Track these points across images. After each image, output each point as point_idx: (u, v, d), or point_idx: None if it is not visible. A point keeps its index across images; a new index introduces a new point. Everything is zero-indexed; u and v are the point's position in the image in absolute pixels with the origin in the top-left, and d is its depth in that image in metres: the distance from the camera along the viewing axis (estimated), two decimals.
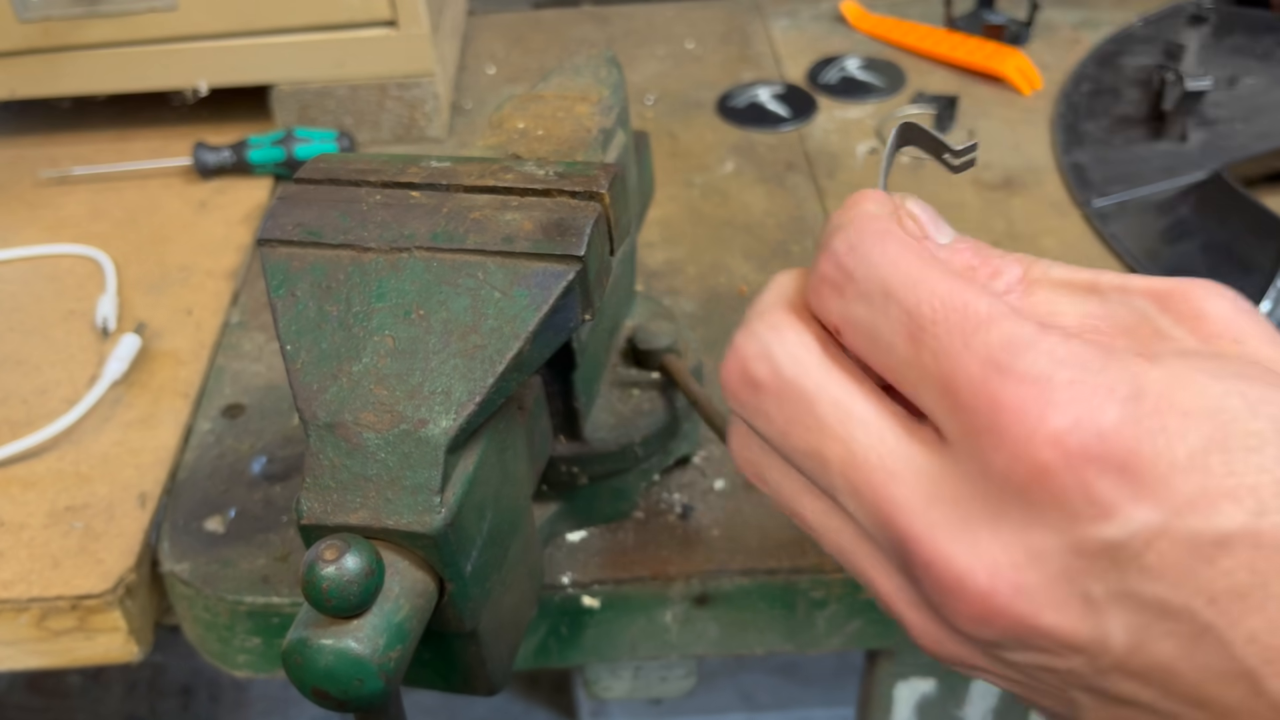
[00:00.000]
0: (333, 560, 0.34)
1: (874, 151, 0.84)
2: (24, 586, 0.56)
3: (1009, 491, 0.27)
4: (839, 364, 0.31)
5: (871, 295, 0.29)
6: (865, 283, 0.30)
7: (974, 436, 0.27)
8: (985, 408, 0.27)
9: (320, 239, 0.42)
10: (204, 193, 0.83)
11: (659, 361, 0.54)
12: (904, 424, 0.30)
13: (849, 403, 0.30)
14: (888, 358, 0.29)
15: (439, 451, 0.38)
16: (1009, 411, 0.26)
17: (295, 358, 0.41)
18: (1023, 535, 0.27)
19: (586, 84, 0.52)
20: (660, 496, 0.58)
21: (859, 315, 0.30)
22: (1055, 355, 0.27)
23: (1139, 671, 0.27)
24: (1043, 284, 0.31)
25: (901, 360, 0.29)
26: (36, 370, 0.68)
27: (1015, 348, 0.27)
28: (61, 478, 0.61)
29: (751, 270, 0.73)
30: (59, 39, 0.82)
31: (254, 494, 0.60)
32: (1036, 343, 0.27)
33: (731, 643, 0.58)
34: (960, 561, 0.27)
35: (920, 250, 0.30)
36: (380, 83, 0.85)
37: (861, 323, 0.30)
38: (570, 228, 0.41)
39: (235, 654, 0.57)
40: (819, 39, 0.99)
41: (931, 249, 0.32)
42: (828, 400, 0.30)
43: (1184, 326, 0.29)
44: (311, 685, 0.36)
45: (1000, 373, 0.27)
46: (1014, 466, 0.27)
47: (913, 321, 0.29)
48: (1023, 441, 0.26)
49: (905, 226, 0.32)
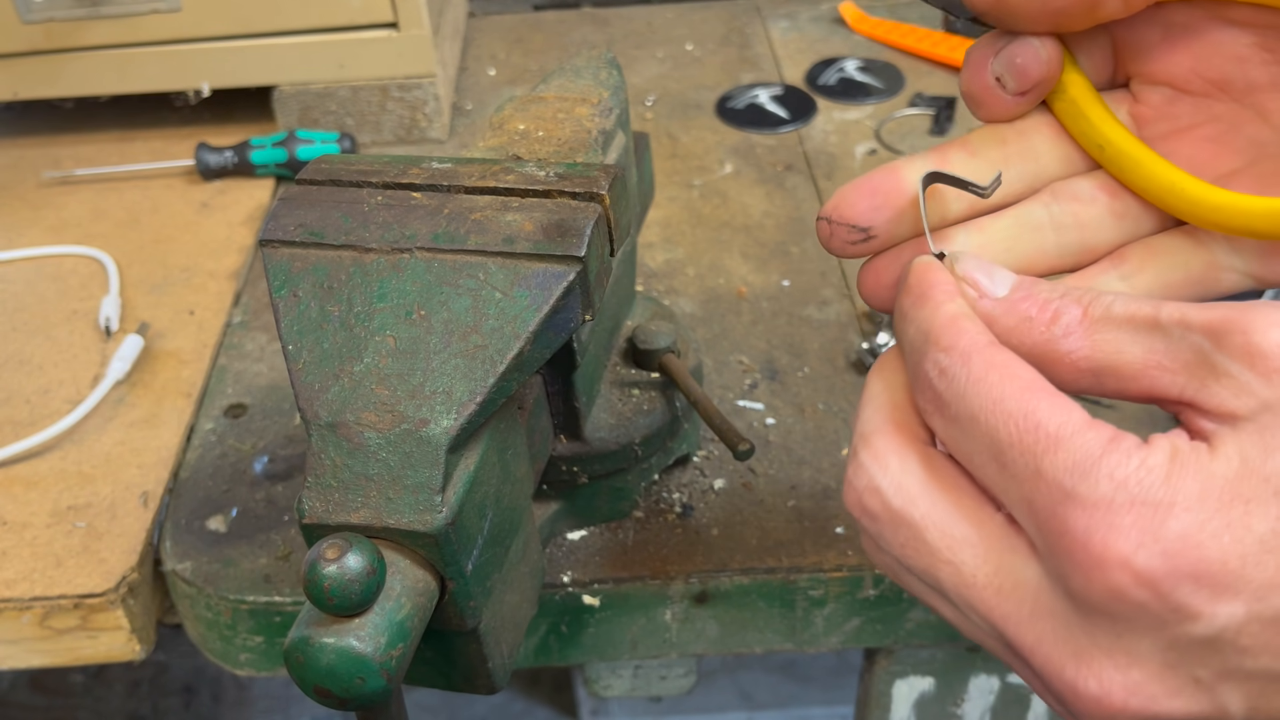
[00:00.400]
0: (334, 559, 0.34)
1: (873, 153, 0.85)
2: (27, 585, 0.56)
3: (1094, 607, 0.29)
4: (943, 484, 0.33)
5: (961, 420, 0.32)
6: (954, 407, 0.32)
7: (1055, 558, 0.30)
8: (1058, 533, 0.29)
9: (322, 240, 0.42)
10: (206, 194, 0.84)
11: (659, 361, 0.55)
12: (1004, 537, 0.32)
13: (953, 526, 0.32)
14: (983, 475, 0.32)
15: (440, 451, 0.38)
16: (1077, 539, 0.28)
17: (297, 358, 0.41)
18: (1120, 641, 0.29)
19: (587, 86, 0.52)
20: (660, 496, 0.59)
21: (954, 436, 0.32)
22: (1116, 477, 0.28)
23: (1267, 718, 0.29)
24: (1106, 323, 0.32)
25: (993, 479, 0.31)
26: (39, 370, 0.68)
27: (1080, 471, 0.29)
28: (64, 477, 0.61)
29: (751, 271, 0.74)
30: (62, 40, 0.82)
31: (256, 493, 0.60)
32: (1099, 463, 0.29)
33: (731, 641, 0.58)
34: (1069, 672, 0.30)
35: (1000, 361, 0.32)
36: (381, 84, 0.85)
37: (958, 444, 0.32)
38: (571, 229, 0.41)
39: (237, 653, 0.58)
40: (818, 41, 0.99)
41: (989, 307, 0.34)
42: (934, 527, 0.32)
43: (1242, 363, 0.30)
44: (313, 684, 0.36)
45: (1067, 499, 0.29)
46: (1090, 589, 0.29)
47: (995, 445, 0.31)
48: (1093, 568, 0.28)
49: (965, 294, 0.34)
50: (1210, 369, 0.30)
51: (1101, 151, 0.39)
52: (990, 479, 0.32)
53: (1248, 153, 0.39)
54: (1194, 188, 0.37)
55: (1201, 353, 0.30)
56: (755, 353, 0.67)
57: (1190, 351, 0.31)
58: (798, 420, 0.63)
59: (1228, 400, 0.30)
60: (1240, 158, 0.39)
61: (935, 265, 0.35)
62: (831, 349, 0.67)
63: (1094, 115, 0.38)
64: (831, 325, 0.69)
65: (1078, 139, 0.39)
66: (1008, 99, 0.39)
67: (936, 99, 0.89)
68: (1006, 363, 0.32)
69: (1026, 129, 0.39)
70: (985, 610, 0.31)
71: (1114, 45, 0.40)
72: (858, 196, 0.38)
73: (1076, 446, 0.29)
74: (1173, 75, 0.39)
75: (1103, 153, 0.39)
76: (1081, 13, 0.36)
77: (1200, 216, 0.37)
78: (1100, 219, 0.39)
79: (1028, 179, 0.39)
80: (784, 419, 0.63)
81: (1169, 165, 0.38)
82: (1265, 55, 0.38)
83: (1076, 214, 0.39)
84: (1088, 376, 0.33)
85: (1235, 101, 0.39)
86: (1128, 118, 0.40)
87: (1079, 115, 0.39)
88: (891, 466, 0.33)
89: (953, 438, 0.33)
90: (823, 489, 0.59)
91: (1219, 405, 0.30)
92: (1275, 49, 0.37)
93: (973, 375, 0.32)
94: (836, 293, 0.72)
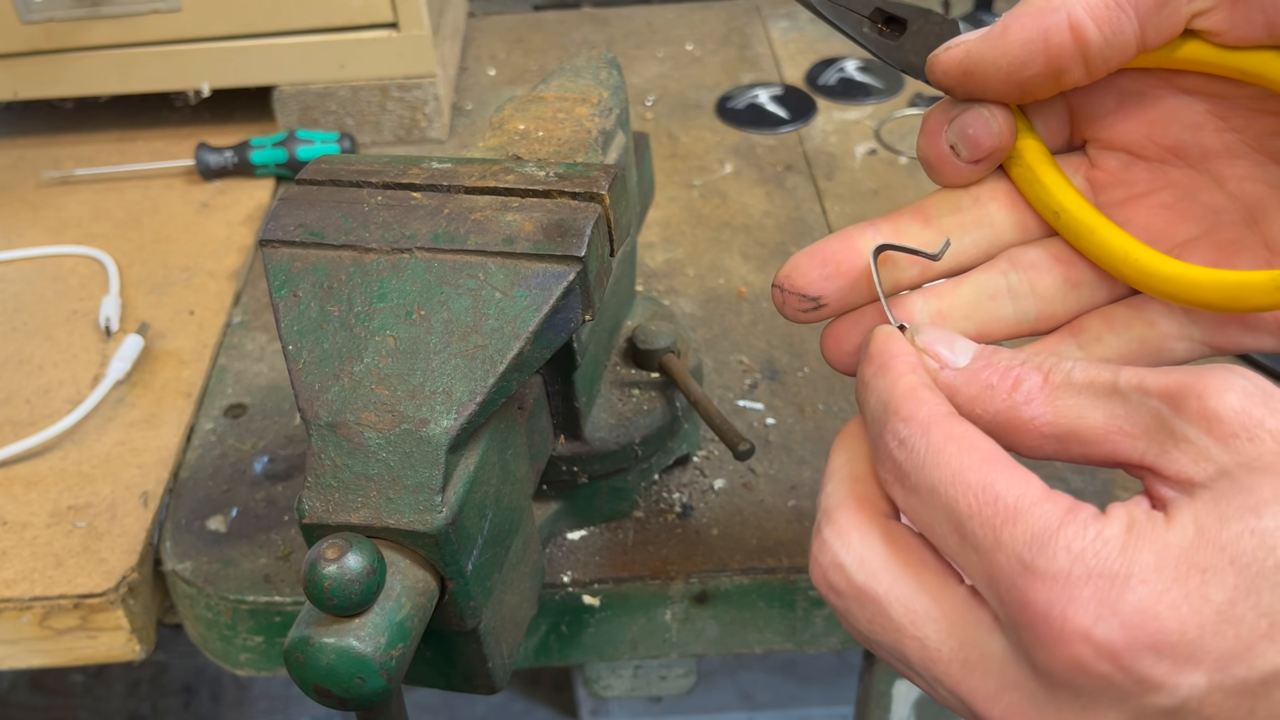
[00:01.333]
0: (334, 559, 0.34)
1: (873, 153, 0.85)
2: (27, 585, 0.56)
3: (1058, 681, 0.29)
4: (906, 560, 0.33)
5: (920, 491, 0.32)
6: (914, 478, 0.32)
7: (1017, 631, 0.30)
8: (1019, 605, 0.29)
9: (322, 240, 0.42)
10: (206, 194, 0.84)
11: (659, 361, 0.55)
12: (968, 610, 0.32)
13: (916, 602, 0.32)
14: (944, 546, 0.32)
15: (440, 451, 0.38)
16: (1038, 613, 0.28)
17: (297, 358, 0.41)
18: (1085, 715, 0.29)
19: (587, 86, 0.52)
20: (660, 496, 0.59)
21: (915, 507, 0.33)
22: (1073, 549, 0.29)
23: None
24: (1067, 388, 0.33)
25: (953, 550, 0.31)
26: (40, 370, 0.68)
27: (1037, 544, 0.29)
28: (64, 477, 0.61)
29: (751, 271, 0.74)
30: (62, 40, 0.82)
31: (256, 493, 0.60)
32: (1056, 536, 0.29)
33: (731, 641, 0.58)
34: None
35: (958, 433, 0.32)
36: (381, 84, 0.85)
37: (919, 514, 0.33)
38: (570, 229, 0.41)
39: (237, 653, 0.58)
40: (818, 41, 1.00)
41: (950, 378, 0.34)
42: (897, 603, 0.32)
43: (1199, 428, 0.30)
44: (313, 684, 0.36)
45: (1027, 572, 0.29)
46: (1053, 663, 0.29)
47: (955, 517, 0.31)
48: (1054, 641, 0.28)
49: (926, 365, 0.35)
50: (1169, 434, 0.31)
51: (1057, 218, 0.39)
52: (952, 550, 0.32)
53: (1204, 220, 0.39)
54: (1146, 258, 0.37)
55: (1160, 418, 0.31)
56: (755, 353, 0.67)
57: (1149, 416, 0.31)
58: (798, 420, 0.63)
59: (1186, 467, 0.30)
60: (1196, 225, 0.39)
61: (895, 335, 0.36)
62: None
63: (1049, 182, 0.39)
64: None
65: (1033, 205, 0.39)
66: (962, 167, 0.39)
67: (936, 99, 0.89)
68: (965, 434, 0.32)
69: (982, 195, 0.40)
70: (952, 685, 0.31)
71: (1070, 111, 0.40)
72: (809, 266, 0.38)
73: (1034, 518, 0.29)
74: (1128, 141, 0.40)
75: (1058, 219, 0.39)
76: (1047, 81, 0.36)
77: (1152, 286, 0.37)
78: (1056, 287, 0.39)
79: (983, 245, 0.40)
80: (784, 419, 0.63)
81: (1123, 234, 0.38)
82: (1218, 123, 0.38)
83: (1033, 282, 0.39)
84: (1051, 442, 0.33)
85: (1191, 167, 0.39)
86: (1084, 182, 0.41)
87: (1034, 181, 0.39)
88: (854, 543, 0.33)
89: (913, 508, 0.33)
90: None
91: (1178, 472, 0.30)
92: (1228, 116, 0.38)
93: (932, 446, 0.32)
94: None
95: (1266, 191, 0.38)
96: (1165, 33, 0.35)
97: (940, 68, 0.37)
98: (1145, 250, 0.37)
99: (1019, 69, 0.36)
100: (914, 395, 0.33)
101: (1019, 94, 0.37)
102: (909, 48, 0.40)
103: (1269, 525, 0.28)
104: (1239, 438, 0.30)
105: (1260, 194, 0.38)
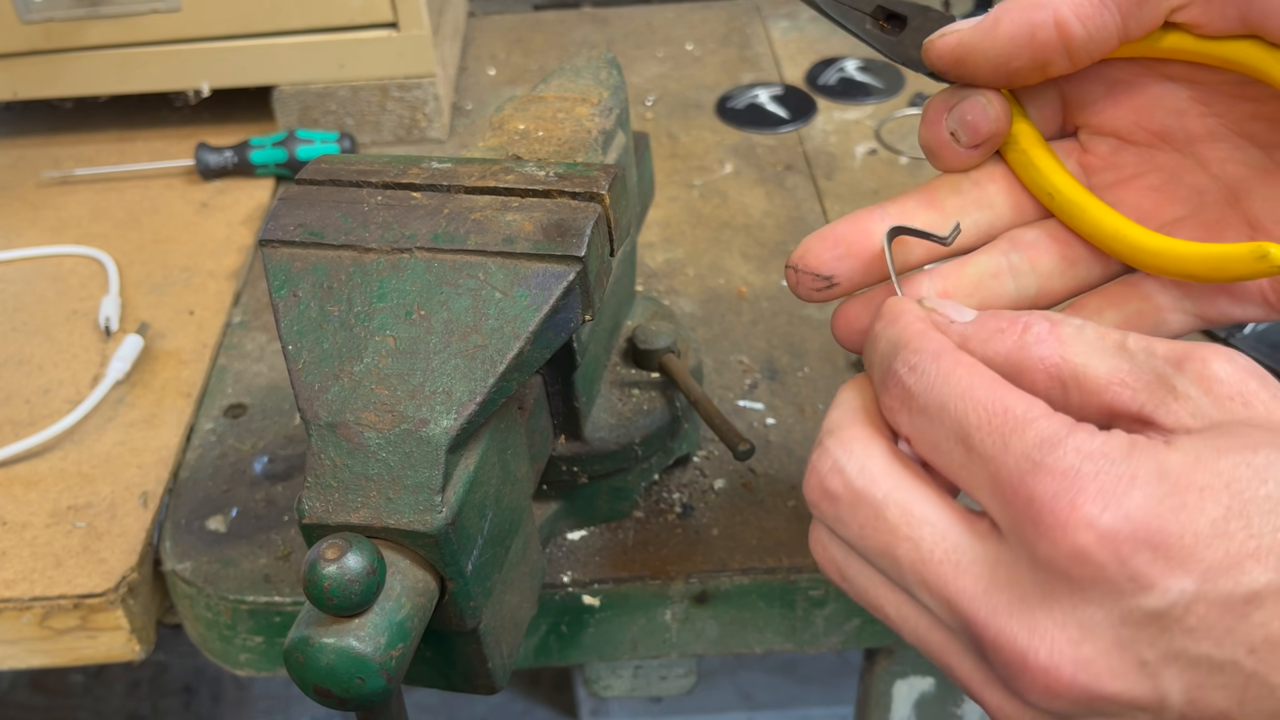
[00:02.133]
0: (334, 559, 0.34)
1: (873, 153, 0.85)
2: (26, 585, 0.56)
3: (1056, 575, 0.30)
4: (905, 471, 0.34)
5: (929, 409, 0.34)
6: (924, 398, 0.34)
7: (1020, 528, 0.31)
8: (1024, 501, 0.30)
9: (322, 240, 0.42)
10: (206, 194, 0.84)
11: (659, 361, 0.55)
12: (964, 520, 0.33)
13: (914, 506, 0.33)
14: (948, 462, 0.33)
15: (440, 451, 0.38)
16: (1044, 503, 0.30)
17: (297, 358, 0.41)
18: (1074, 613, 0.30)
19: (587, 85, 0.52)
20: (660, 496, 0.59)
21: (922, 427, 0.34)
22: (1082, 450, 0.30)
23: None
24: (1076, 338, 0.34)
25: (958, 463, 0.33)
26: (39, 370, 0.68)
27: (1047, 445, 0.31)
28: (64, 477, 0.61)
29: (751, 271, 0.74)
30: (61, 40, 0.82)
31: (256, 493, 0.60)
32: (1065, 439, 0.31)
33: (731, 641, 0.58)
34: (1021, 641, 0.31)
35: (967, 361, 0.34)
36: (381, 84, 0.85)
37: (925, 433, 0.34)
38: (570, 229, 0.41)
39: (237, 653, 0.58)
40: (818, 41, 1.00)
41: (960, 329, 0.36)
42: (895, 505, 0.34)
43: (1199, 387, 0.32)
44: (313, 684, 0.36)
45: (1035, 469, 0.30)
46: (1055, 552, 0.30)
47: (962, 429, 0.32)
48: (1059, 529, 0.30)
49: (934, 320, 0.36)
50: (1170, 390, 0.32)
51: (1051, 199, 0.41)
52: (955, 464, 0.33)
53: (1190, 201, 0.41)
54: (1136, 234, 0.39)
55: (1163, 376, 0.32)
56: (755, 353, 0.67)
57: (1152, 373, 0.33)
58: (798, 420, 0.63)
59: (1184, 419, 0.32)
60: (1183, 206, 0.41)
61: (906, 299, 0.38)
62: (831, 349, 0.67)
63: (1043, 165, 0.41)
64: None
65: (1029, 187, 0.42)
66: (962, 152, 0.41)
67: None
68: (973, 362, 0.34)
69: (982, 178, 0.42)
70: (940, 585, 0.32)
71: (1062, 98, 0.43)
72: (822, 247, 0.41)
73: (1043, 426, 0.31)
74: (1117, 126, 0.42)
75: (1052, 200, 0.41)
76: (1033, 71, 0.39)
77: (1143, 261, 0.39)
78: (1054, 265, 0.42)
79: (984, 227, 0.42)
80: (784, 419, 0.63)
81: (1113, 212, 0.40)
82: (1201, 109, 0.41)
83: (1033, 261, 0.42)
84: (1056, 386, 0.34)
85: (1177, 151, 0.42)
86: (1077, 166, 0.43)
87: (1029, 165, 0.41)
88: (856, 451, 0.35)
89: (918, 428, 0.34)
90: None
91: (1175, 422, 0.32)
92: (1210, 103, 0.40)
93: (942, 369, 0.34)
94: None
95: (1246, 172, 0.40)
96: (1146, 25, 0.38)
97: (934, 52, 0.40)
98: (1135, 227, 0.39)
99: (1006, 60, 0.38)
100: (924, 333, 0.35)
101: (1007, 81, 0.40)
102: (909, 43, 0.42)
103: (1262, 461, 0.29)
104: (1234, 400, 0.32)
105: (1241, 174, 0.41)
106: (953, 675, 0.34)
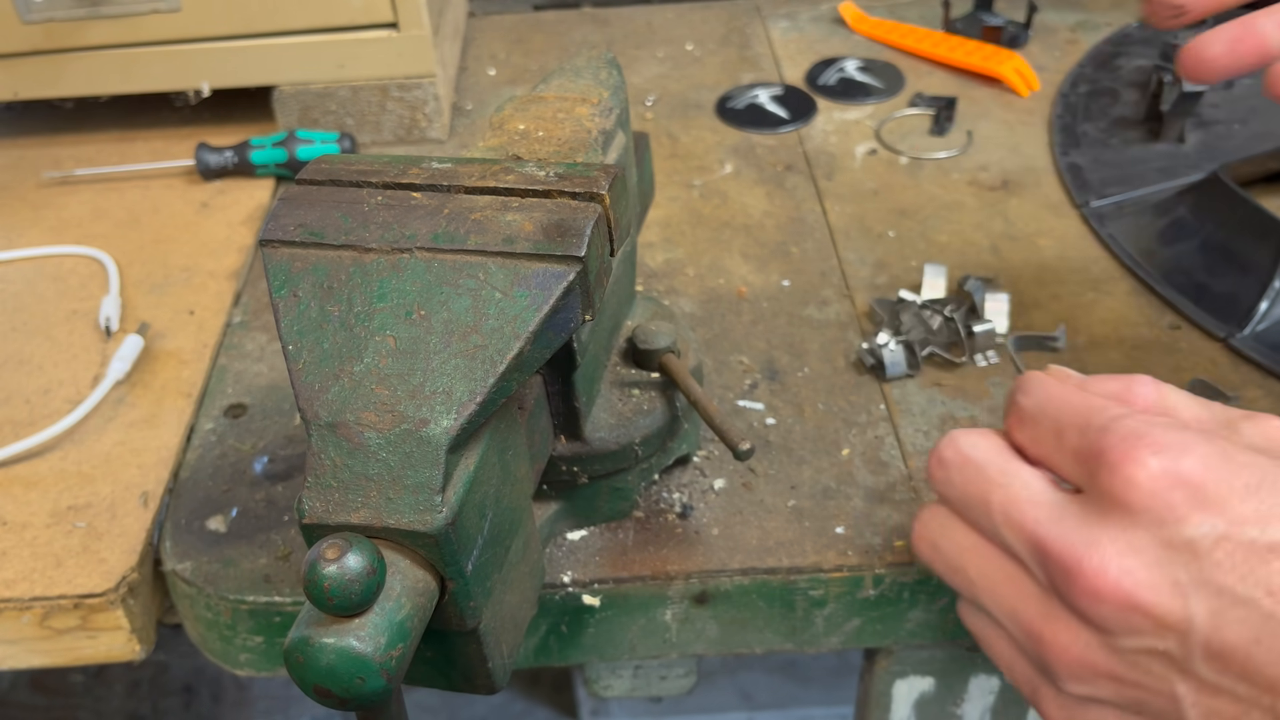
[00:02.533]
0: (334, 559, 0.35)
1: (873, 153, 0.85)
2: (27, 585, 0.56)
3: (1113, 501, 0.37)
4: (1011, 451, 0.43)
5: (1035, 416, 0.42)
6: (1033, 409, 0.42)
7: (1092, 476, 0.38)
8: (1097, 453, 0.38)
9: (322, 240, 0.42)
10: (206, 194, 0.84)
11: (659, 361, 0.55)
12: (1052, 481, 0.41)
13: (1010, 466, 0.42)
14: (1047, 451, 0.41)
15: (440, 451, 0.38)
16: (1115, 448, 0.38)
17: (297, 358, 0.41)
18: (1124, 533, 0.37)
19: (587, 86, 0.52)
20: (660, 496, 0.59)
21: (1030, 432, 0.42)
22: (1153, 421, 0.38)
23: (1220, 653, 0.35)
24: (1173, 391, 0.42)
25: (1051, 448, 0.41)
26: (40, 370, 0.68)
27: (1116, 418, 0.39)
28: (64, 477, 0.61)
29: (751, 271, 0.74)
30: (62, 40, 0.82)
31: (256, 493, 0.60)
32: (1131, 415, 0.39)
33: (731, 641, 0.58)
34: (1079, 549, 0.37)
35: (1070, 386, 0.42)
36: (381, 84, 0.85)
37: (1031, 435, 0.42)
38: (570, 229, 0.41)
39: (237, 653, 0.58)
40: (818, 41, 1.00)
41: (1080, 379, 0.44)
42: (994, 466, 0.42)
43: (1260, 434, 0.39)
44: (313, 684, 0.36)
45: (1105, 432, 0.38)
46: (1112, 481, 0.37)
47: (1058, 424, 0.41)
48: (1119, 463, 0.37)
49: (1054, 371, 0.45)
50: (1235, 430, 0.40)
51: None
52: (1051, 450, 0.41)
53: None
54: None
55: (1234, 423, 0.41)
56: (755, 353, 0.67)
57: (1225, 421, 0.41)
58: (798, 420, 0.63)
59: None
60: None
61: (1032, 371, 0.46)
62: (831, 349, 0.67)
63: None
64: (831, 325, 0.69)
65: None
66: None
67: (936, 99, 0.89)
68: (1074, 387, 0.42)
69: None
70: (1020, 518, 0.40)
71: None
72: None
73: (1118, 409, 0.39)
74: None
75: None
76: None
77: None
78: None
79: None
80: (784, 419, 0.63)
81: None
82: None
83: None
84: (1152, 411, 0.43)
85: None
86: None
87: None
88: (975, 437, 0.43)
89: (1028, 434, 0.42)
90: (823, 489, 0.59)
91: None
92: None
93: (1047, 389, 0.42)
94: (836, 293, 0.72)
95: None
96: None
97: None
98: None
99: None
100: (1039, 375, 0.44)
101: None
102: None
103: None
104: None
105: None
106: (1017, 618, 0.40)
